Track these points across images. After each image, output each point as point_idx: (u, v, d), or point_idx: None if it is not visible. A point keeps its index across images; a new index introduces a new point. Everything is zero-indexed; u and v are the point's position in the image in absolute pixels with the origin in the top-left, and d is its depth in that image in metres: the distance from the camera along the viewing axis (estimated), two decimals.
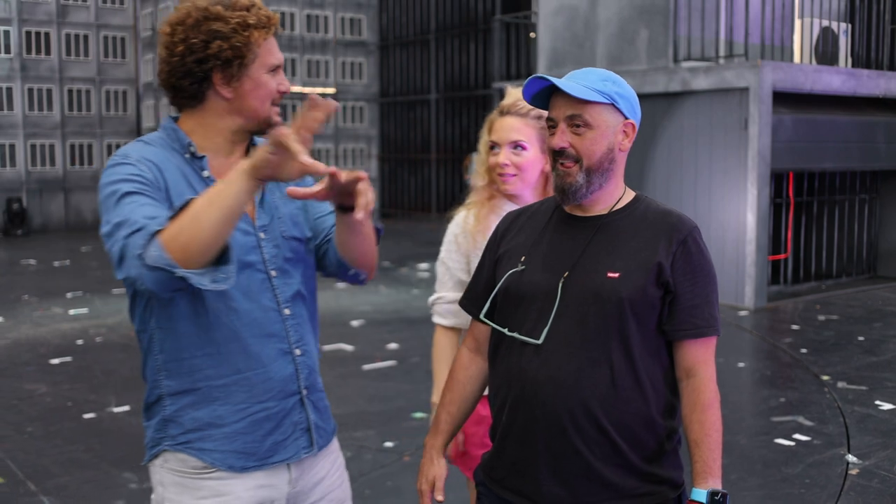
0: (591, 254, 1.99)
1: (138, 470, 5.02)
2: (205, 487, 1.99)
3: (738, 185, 9.61)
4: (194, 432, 1.99)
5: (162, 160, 1.97)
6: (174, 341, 1.97)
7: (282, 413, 2.04)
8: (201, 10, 1.96)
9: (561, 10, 11.57)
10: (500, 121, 2.60)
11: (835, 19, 11.28)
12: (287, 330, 2.04)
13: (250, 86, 1.99)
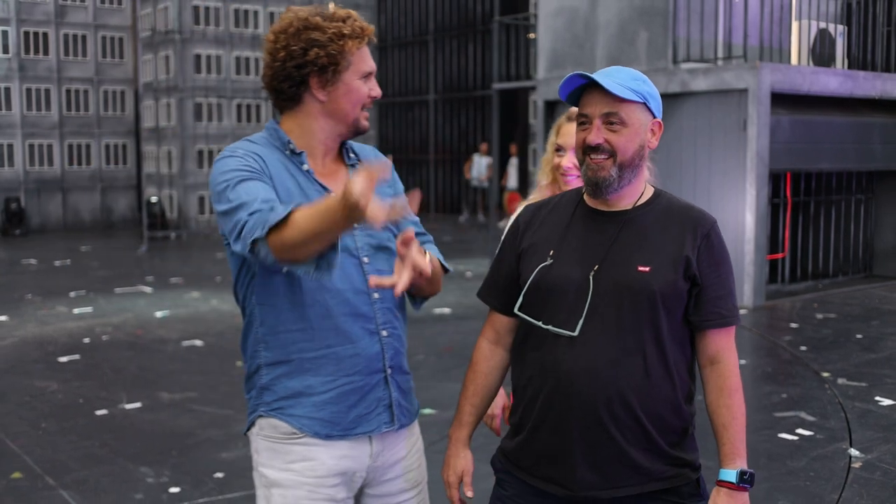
0: (620, 248, 2.07)
1: (154, 464, 5.11)
2: (293, 452, 2.17)
3: (736, 185, 9.72)
4: (286, 399, 2.17)
5: (265, 154, 2.18)
6: (273, 316, 2.16)
7: (366, 388, 2.20)
8: (302, 19, 2.16)
9: (561, 11, 11.67)
10: (567, 126, 2.78)
11: (831, 21, 11.40)
12: (375, 312, 2.21)
13: (343, 90, 2.19)
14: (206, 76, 18.53)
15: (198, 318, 9.46)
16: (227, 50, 18.74)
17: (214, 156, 18.68)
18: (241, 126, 18.94)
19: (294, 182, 2.17)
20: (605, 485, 2.05)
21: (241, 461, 5.12)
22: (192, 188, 18.59)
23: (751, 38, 10.52)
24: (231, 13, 18.74)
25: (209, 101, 18.52)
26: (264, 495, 2.21)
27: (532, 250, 2.15)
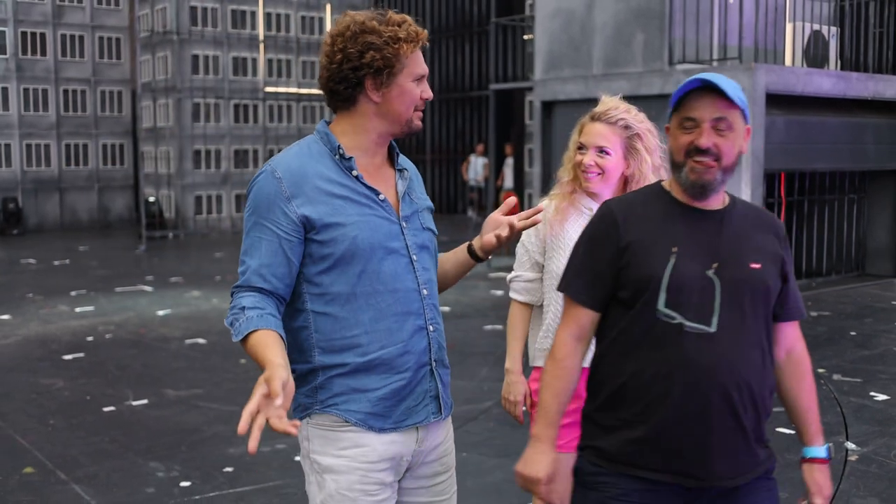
0: (729, 245, 2.15)
1: (164, 459, 5.20)
2: (346, 439, 2.26)
3: (732, 184, 9.84)
4: (341, 396, 2.26)
5: (308, 165, 2.26)
6: (329, 323, 2.25)
7: (415, 382, 2.31)
8: (359, 23, 2.24)
9: (558, 13, 11.78)
10: (590, 125, 2.85)
11: (824, 23, 11.53)
12: (424, 308, 2.32)
13: (397, 92, 2.26)
14: (203, 77, 18.59)
15: (199, 317, 9.54)
16: (224, 50, 18.80)
17: (212, 156, 18.77)
18: (239, 126, 19.01)
19: (328, 191, 2.23)
20: (734, 472, 2.13)
21: (250, 456, 5.21)
22: (190, 188, 18.65)
23: (745, 39, 10.64)
24: (228, 14, 18.80)
25: (207, 101, 18.58)
26: (317, 481, 2.29)
27: (642, 245, 2.15)
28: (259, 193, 2.23)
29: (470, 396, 6.30)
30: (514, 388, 2.98)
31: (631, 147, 2.82)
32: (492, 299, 10.30)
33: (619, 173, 2.84)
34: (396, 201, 2.34)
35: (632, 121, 2.83)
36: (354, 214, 2.23)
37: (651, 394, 2.12)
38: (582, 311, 2.22)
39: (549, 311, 2.92)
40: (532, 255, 2.96)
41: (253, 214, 2.24)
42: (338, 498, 2.25)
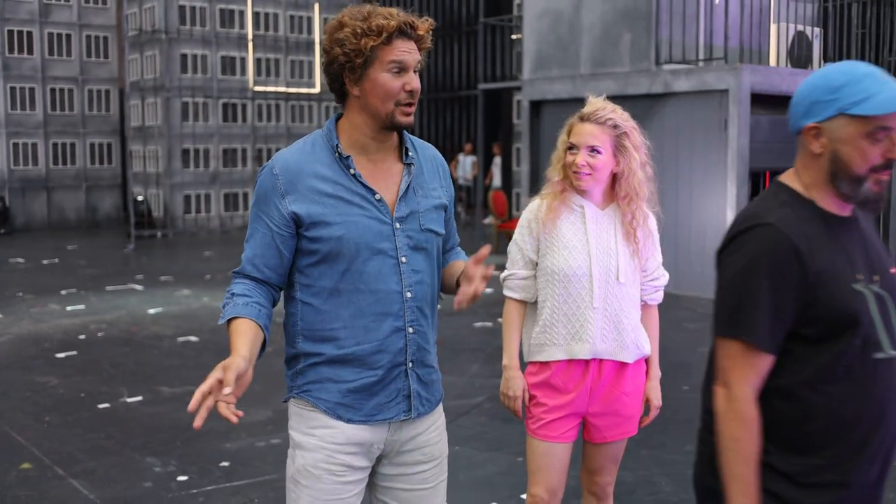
0: (875, 254, 2.00)
1: (161, 455, 5.27)
2: (316, 419, 2.37)
3: (717, 183, 9.97)
4: (315, 384, 2.37)
5: (305, 163, 2.33)
6: (313, 314, 2.35)
7: (388, 380, 2.38)
8: (338, 20, 2.31)
9: (546, 13, 11.89)
10: (579, 126, 2.94)
11: (808, 24, 11.69)
12: (405, 310, 2.37)
13: (370, 86, 2.28)
14: (192, 76, 18.62)
15: (190, 315, 9.60)
16: (213, 50, 18.83)
17: (200, 155, 18.80)
18: (227, 125, 19.04)
19: (320, 189, 2.29)
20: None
21: (245, 451, 5.30)
22: (179, 187, 18.68)
23: (731, 40, 10.79)
24: (217, 13, 18.83)
25: (195, 100, 18.60)
26: (290, 455, 2.42)
27: (830, 276, 1.90)
28: (260, 187, 2.35)
29: (461, 392, 6.40)
30: (513, 383, 3.06)
31: (620, 145, 2.92)
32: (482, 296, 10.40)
33: (609, 171, 2.94)
34: (395, 198, 2.37)
35: (619, 120, 2.93)
36: (343, 214, 2.30)
37: (857, 434, 1.90)
38: (764, 358, 1.91)
39: (545, 308, 3.00)
40: (526, 253, 3.04)
41: (254, 206, 2.38)
42: (304, 473, 2.36)
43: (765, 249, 1.90)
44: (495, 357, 7.44)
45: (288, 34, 19.78)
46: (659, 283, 3.12)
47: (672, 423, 5.52)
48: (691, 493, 4.44)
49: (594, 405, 3.00)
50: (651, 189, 3.01)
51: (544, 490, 3.02)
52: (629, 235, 2.98)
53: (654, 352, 3.13)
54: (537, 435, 3.02)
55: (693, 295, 9.93)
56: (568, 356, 2.96)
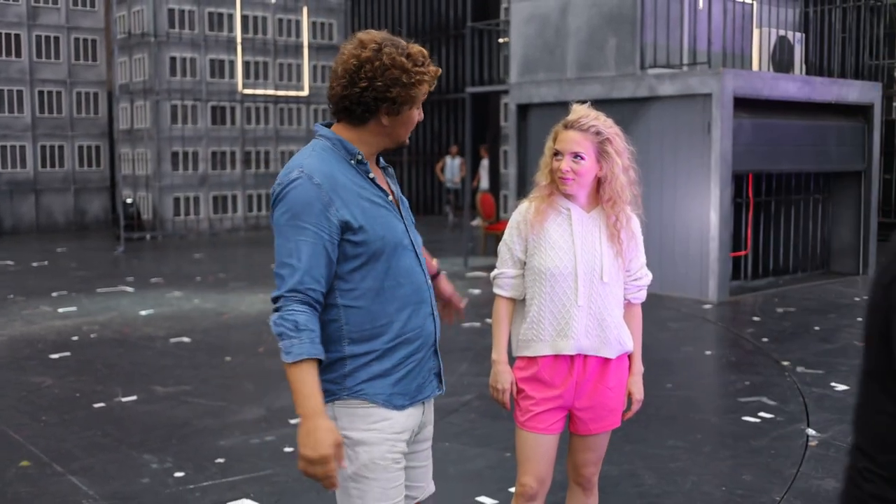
0: None
1: (157, 452, 5.37)
2: (375, 414, 2.51)
3: (701, 185, 10.14)
4: (367, 382, 2.51)
5: (335, 171, 2.45)
6: (360, 315, 2.49)
7: (424, 361, 2.59)
8: (391, 58, 2.41)
9: (533, 18, 12.05)
10: (564, 133, 3.07)
11: (790, 29, 11.89)
12: (431, 297, 2.61)
13: (404, 120, 2.51)
14: (181, 79, 18.69)
15: (182, 317, 9.71)
16: (201, 53, 18.91)
17: (189, 158, 18.86)
18: (216, 128, 19.12)
19: (362, 193, 2.47)
20: None
21: (240, 448, 5.42)
22: (168, 190, 18.74)
23: (714, 44, 10.97)
24: (206, 16, 18.91)
25: (184, 103, 18.67)
26: (348, 455, 2.50)
27: None
28: (299, 198, 2.39)
29: (451, 390, 6.53)
30: (501, 377, 3.20)
31: (602, 151, 3.06)
32: (470, 297, 10.54)
33: (593, 175, 3.08)
34: (396, 200, 2.59)
35: (602, 127, 3.06)
36: (379, 217, 2.48)
37: None
38: None
39: (533, 305, 3.13)
40: (514, 253, 3.19)
41: (294, 219, 2.39)
42: (371, 467, 2.49)
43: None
44: (483, 356, 7.59)
45: (276, 37, 19.86)
46: (642, 283, 3.25)
47: (655, 420, 5.68)
48: (673, 486, 4.62)
49: (579, 399, 3.13)
50: (635, 192, 3.15)
51: (533, 479, 3.15)
52: (613, 237, 3.11)
53: (637, 348, 3.26)
54: (526, 427, 3.15)
55: (677, 295, 10.10)
56: (554, 351, 3.09)
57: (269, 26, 19.77)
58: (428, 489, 2.76)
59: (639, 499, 4.51)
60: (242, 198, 19.55)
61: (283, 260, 2.39)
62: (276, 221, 2.45)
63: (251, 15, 19.51)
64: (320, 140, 2.54)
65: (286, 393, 6.40)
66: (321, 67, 20.49)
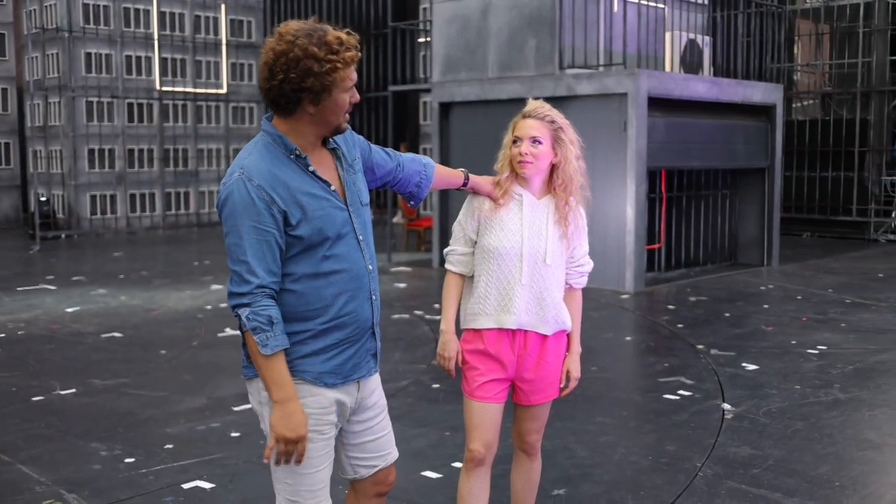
0: None
1: (105, 440, 5.44)
2: (302, 389, 2.67)
3: (618, 181, 10.58)
4: (299, 359, 2.67)
5: (274, 168, 2.56)
6: (295, 298, 2.64)
7: (360, 343, 2.77)
8: (302, 49, 2.48)
9: (454, 18, 12.34)
10: (522, 122, 3.34)
11: (699, 33, 12.45)
12: (370, 282, 2.76)
13: (331, 106, 2.58)
14: (96, 75, 18.42)
15: (110, 313, 9.71)
16: (117, 49, 18.68)
17: (106, 156, 18.62)
18: (133, 126, 18.91)
19: (303, 188, 2.57)
20: None
21: (187, 434, 5.55)
22: (84, 188, 18.46)
23: (629, 46, 11.44)
24: (121, 12, 18.67)
25: (100, 100, 18.41)
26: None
27: None
28: (240, 199, 2.51)
29: (387, 377, 6.75)
30: (449, 345, 3.42)
31: (557, 138, 3.34)
32: (395, 291, 10.79)
33: (549, 162, 3.36)
34: (341, 187, 2.69)
35: (556, 117, 3.35)
36: (318, 208, 2.60)
37: None
38: None
39: (480, 281, 3.39)
40: (467, 232, 3.43)
41: (236, 218, 2.52)
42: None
43: None
44: (414, 345, 7.87)
45: (194, 34, 19.73)
46: (584, 270, 3.54)
47: (582, 399, 6.03)
48: (604, 457, 4.98)
49: (521, 371, 3.39)
50: (584, 181, 3.45)
51: (481, 444, 3.40)
52: (562, 220, 3.39)
53: (576, 329, 3.54)
54: (474, 396, 3.39)
55: (596, 287, 10.51)
56: (497, 325, 3.34)
57: (186, 23, 19.63)
58: (392, 455, 2.99)
59: (573, 469, 4.84)
60: (161, 196, 19.38)
61: (238, 258, 2.52)
62: (224, 222, 2.57)
63: (168, 11, 19.34)
64: (262, 136, 2.63)
65: (226, 383, 6.63)
66: (239, 65, 20.44)
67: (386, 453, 2.96)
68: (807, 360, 7.25)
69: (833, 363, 7.13)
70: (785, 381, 6.57)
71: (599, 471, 4.81)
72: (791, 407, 5.94)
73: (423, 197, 3.20)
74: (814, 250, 14.99)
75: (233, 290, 2.55)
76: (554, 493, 4.50)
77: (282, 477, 2.71)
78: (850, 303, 9.89)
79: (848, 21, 17.12)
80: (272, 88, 2.53)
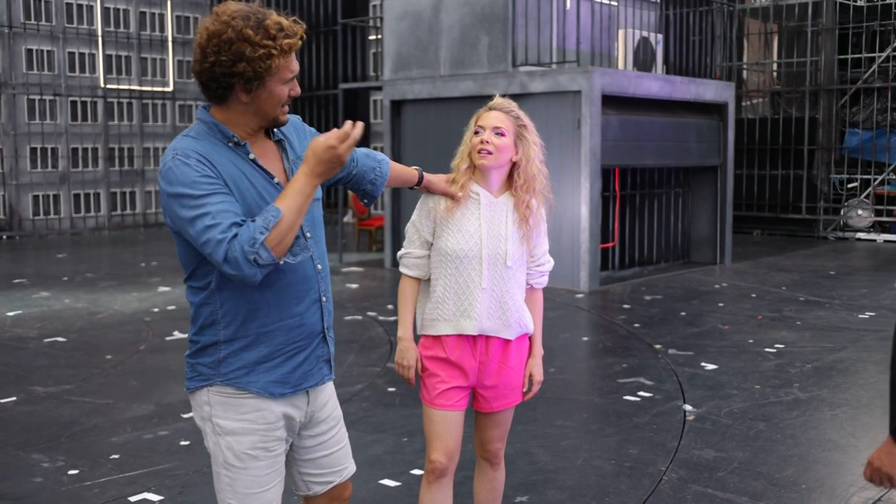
0: None
1: (46, 451, 5.24)
2: (247, 405, 2.51)
3: (572, 179, 10.52)
4: (243, 369, 2.50)
5: (211, 153, 2.38)
6: (233, 299, 2.46)
7: (310, 349, 2.59)
8: (236, 31, 2.29)
9: (405, 15, 12.19)
10: (487, 113, 3.22)
11: (651, 31, 12.45)
12: (319, 282, 2.58)
13: (265, 95, 2.39)
14: (38, 72, 17.95)
15: (53, 316, 9.42)
16: (60, 46, 18.22)
17: (48, 155, 18.15)
18: (77, 125, 18.45)
19: (242, 176, 2.40)
20: None
21: (133, 443, 5.35)
22: (26, 188, 17.96)
23: (582, 44, 11.39)
24: (63, 8, 18.21)
25: (42, 97, 17.94)
26: (216, 441, 2.53)
27: None
28: (181, 173, 2.31)
29: (341, 381, 6.61)
30: (407, 353, 3.28)
31: (520, 135, 3.22)
32: (348, 292, 10.61)
33: (509, 157, 3.23)
34: (286, 179, 2.50)
35: (520, 114, 3.25)
36: (259, 199, 2.40)
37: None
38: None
39: (438, 286, 3.25)
40: (422, 234, 3.28)
41: (185, 190, 2.30)
42: (241, 457, 2.51)
43: None
44: (368, 347, 7.71)
45: (140, 31, 19.33)
46: (544, 269, 3.42)
47: (542, 402, 5.93)
48: (566, 462, 4.86)
49: (483, 377, 3.27)
50: (545, 181, 3.32)
51: (443, 455, 3.27)
52: (522, 221, 3.26)
53: (538, 331, 3.43)
54: (434, 404, 3.25)
55: (550, 286, 10.44)
56: (456, 331, 3.21)
57: (131, 19, 19.22)
58: (348, 470, 2.81)
59: (535, 475, 4.73)
60: (106, 196, 18.94)
61: (205, 225, 2.28)
62: (169, 206, 2.35)
63: (113, 7, 18.91)
64: (197, 124, 2.46)
65: (174, 389, 6.41)
66: (186, 62, 20.07)
67: (342, 468, 2.80)
68: (765, 359, 7.23)
69: (791, 362, 7.11)
70: (745, 381, 6.52)
71: (563, 476, 4.70)
72: (752, 407, 5.89)
73: (378, 195, 3.02)
74: (765, 248, 15.10)
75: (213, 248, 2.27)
76: (517, 500, 4.38)
77: (225, 498, 2.55)
78: (804, 301, 9.93)
79: (797, 20, 17.30)
80: (203, 71, 2.35)
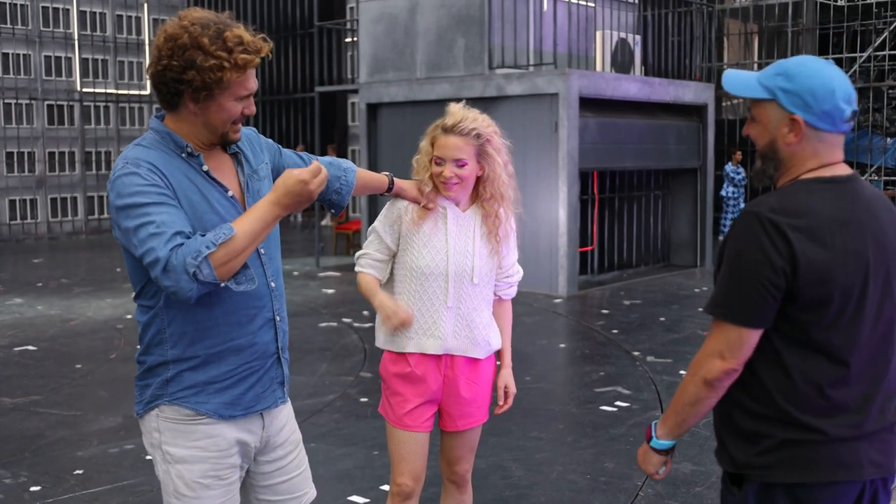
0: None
1: (9, 466, 5.13)
2: (198, 431, 2.40)
3: (550, 183, 10.44)
4: (191, 388, 2.39)
5: (163, 163, 2.29)
6: (181, 317, 2.35)
7: (262, 370, 2.47)
8: (192, 37, 2.21)
9: (381, 17, 12.09)
10: (444, 138, 3.07)
11: (630, 32, 12.38)
12: (272, 300, 2.47)
13: (215, 109, 2.30)
14: (14, 76, 17.74)
15: (25, 324, 9.27)
16: (36, 49, 18.01)
17: (25, 159, 17.95)
18: (54, 129, 18.25)
19: (194, 188, 2.30)
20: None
21: (99, 458, 5.24)
22: (2, 192, 17.74)
23: (559, 46, 11.31)
24: (39, 11, 18.01)
25: (18, 101, 17.73)
26: (165, 470, 2.43)
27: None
28: (130, 183, 2.22)
29: (313, 391, 6.52)
30: (387, 303, 3.07)
31: (482, 152, 3.10)
32: (324, 297, 10.50)
33: (474, 178, 3.14)
34: (241, 193, 2.42)
35: (481, 128, 3.09)
36: (210, 213, 2.31)
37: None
38: (751, 334, 2.16)
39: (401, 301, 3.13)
40: (385, 241, 3.15)
41: (133, 200, 2.21)
42: (192, 485, 2.40)
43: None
44: (342, 356, 7.60)
45: (116, 34, 19.13)
46: (513, 280, 3.33)
47: (517, 412, 5.83)
48: (540, 476, 4.77)
49: (448, 396, 3.16)
50: (514, 188, 3.23)
51: (409, 478, 3.16)
52: (490, 234, 3.16)
53: (507, 343, 3.34)
54: (399, 425, 3.15)
55: (528, 291, 10.36)
56: (418, 350, 3.09)
57: (107, 23, 19.03)
58: (308, 496, 2.71)
59: (508, 490, 4.64)
60: (83, 200, 18.75)
61: (149, 233, 2.17)
62: (116, 217, 2.26)
63: (89, 11, 18.72)
64: (150, 133, 2.38)
65: None
66: None
67: (301, 494, 2.69)
68: None
69: None
70: None
71: (536, 492, 4.62)
72: None
73: (345, 205, 2.91)
74: None
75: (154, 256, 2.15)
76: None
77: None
78: None
79: (777, 20, 17.29)
80: (156, 73, 2.27)
